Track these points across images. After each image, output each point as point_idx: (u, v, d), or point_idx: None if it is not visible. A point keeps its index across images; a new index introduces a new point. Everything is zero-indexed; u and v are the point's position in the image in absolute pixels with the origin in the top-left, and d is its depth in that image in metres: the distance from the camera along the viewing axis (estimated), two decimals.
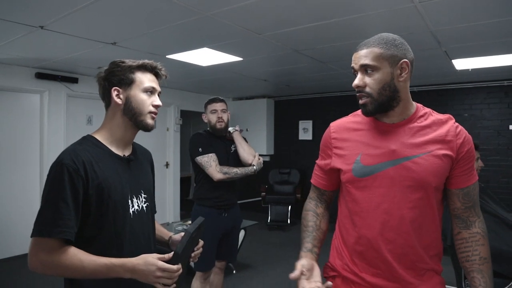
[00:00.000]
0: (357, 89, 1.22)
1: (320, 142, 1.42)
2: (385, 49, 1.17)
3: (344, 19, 2.78)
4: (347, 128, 1.34)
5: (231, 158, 2.70)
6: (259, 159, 2.72)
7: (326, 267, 1.40)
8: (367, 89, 1.20)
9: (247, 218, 4.35)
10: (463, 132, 1.22)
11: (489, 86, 5.21)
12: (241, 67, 4.53)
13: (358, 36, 2.90)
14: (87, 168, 1.14)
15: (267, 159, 7.08)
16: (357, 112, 1.33)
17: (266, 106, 7.13)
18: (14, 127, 4.56)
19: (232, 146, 2.75)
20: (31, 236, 1.09)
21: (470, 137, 1.23)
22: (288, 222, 6.15)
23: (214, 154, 2.58)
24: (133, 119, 1.26)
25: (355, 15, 2.70)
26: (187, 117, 7.66)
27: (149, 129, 1.29)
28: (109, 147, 1.26)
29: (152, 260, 1.10)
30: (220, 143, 2.69)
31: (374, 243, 1.23)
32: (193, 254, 1.35)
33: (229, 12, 2.63)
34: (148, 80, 1.27)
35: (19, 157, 4.61)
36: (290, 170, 6.82)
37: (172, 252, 1.14)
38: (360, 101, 1.23)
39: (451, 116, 1.26)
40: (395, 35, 1.22)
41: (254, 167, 2.66)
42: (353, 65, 1.23)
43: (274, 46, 3.55)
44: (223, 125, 2.64)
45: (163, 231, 1.50)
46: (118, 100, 1.25)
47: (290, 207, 6.23)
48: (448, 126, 1.22)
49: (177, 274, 1.13)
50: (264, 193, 6.46)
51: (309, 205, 1.46)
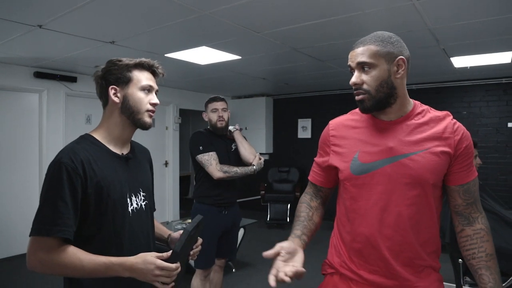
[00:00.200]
0: (354, 87, 1.23)
1: (319, 140, 1.43)
2: (382, 47, 1.18)
3: (343, 17, 2.78)
4: (346, 126, 1.34)
5: (231, 156, 2.71)
6: (259, 159, 2.74)
7: (324, 264, 1.40)
8: (365, 86, 1.20)
9: (247, 216, 4.35)
10: (461, 129, 1.22)
11: (488, 84, 5.22)
12: (240, 65, 4.52)
13: (357, 34, 2.90)
14: (85, 167, 1.14)
15: (266, 157, 7.08)
16: (356, 110, 1.33)
17: (265, 104, 7.14)
18: (13, 127, 4.55)
19: (233, 145, 2.77)
20: (29, 235, 1.09)
21: (468, 134, 1.23)
22: (288, 220, 6.16)
23: (214, 152, 2.59)
24: (131, 117, 1.26)
25: (354, 13, 2.70)
26: (186, 115, 7.67)
27: (147, 127, 1.29)
28: (107, 145, 1.26)
29: (151, 259, 1.10)
30: (221, 141, 2.70)
31: (372, 240, 1.23)
32: (192, 252, 1.35)
33: (228, 10, 2.63)
34: (145, 78, 1.27)
35: (18, 156, 4.60)
36: (289, 169, 6.82)
37: (171, 250, 1.14)
38: (357, 97, 1.23)
39: (448, 113, 1.25)
40: (391, 33, 1.23)
41: (254, 167, 2.68)
42: (349, 63, 1.23)
43: (272, 44, 3.55)
44: (223, 124, 2.66)
45: (162, 229, 1.50)
46: (115, 99, 1.24)
47: (289, 205, 6.23)
48: (445, 123, 1.22)
49: (175, 272, 1.13)
50: (264, 192, 6.47)
51: (304, 198, 1.47)
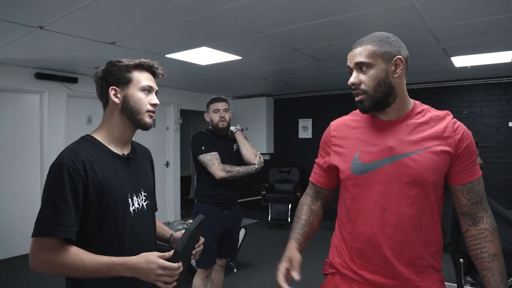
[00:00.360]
0: (353, 87, 1.23)
1: (320, 140, 1.43)
2: (379, 46, 1.18)
3: (343, 17, 2.79)
4: (346, 126, 1.35)
5: (233, 157, 2.74)
6: (260, 158, 2.78)
7: (326, 264, 1.41)
8: (363, 86, 1.21)
9: (248, 216, 4.36)
10: (462, 128, 1.21)
11: (488, 83, 5.21)
12: (240, 66, 4.53)
13: (357, 34, 2.89)
14: (86, 167, 1.14)
15: (267, 157, 7.09)
16: (356, 111, 1.34)
17: (266, 104, 7.14)
18: (14, 128, 4.56)
19: (234, 145, 2.79)
20: (32, 236, 1.09)
21: (470, 133, 1.23)
22: (289, 220, 6.15)
23: (216, 152, 2.61)
24: (131, 118, 1.26)
25: (354, 13, 2.70)
26: (187, 116, 7.66)
27: (147, 127, 1.29)
28: (108, 146, 1.26)
29: (153, 258, 1.10)
30: (222, 142, 2.73)
31: (373, 240, 1.23)
32: (193, 252, 1.35)
33: (228, 11, 2.63)
34: (145, 79, 1.28)
35: (20, 157, 4.61)
36: (290, 169, 6.82)
37: (173, 250, 1.14)
38: (356, 98, 1.24)
39: (449, 112, 1.25)
40: (389, 33, 1.23)
41: (256, 166, 2.73)
42: (348, 63, 1.24)
43: (273, 44, 3.55)
44: (225, 124, 2.68)
45: (164, 229, 1.50)
46: (115, 100, 1.25)
47: (290, 205, 6.23)
48: (446, 122, 1.22)
49: (178, 272, 1.13)
50: (264, 192, 6.47)
51: (305, 200, 1.47)
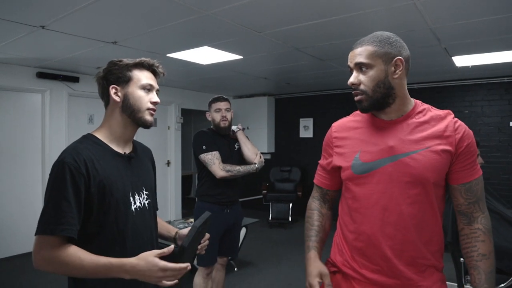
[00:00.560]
0: (352, 87, 1.24)
1: (321, 139, 1.45)
2: (379, 47, 1.18)
3: (344, 17, 2.79)
4: (348, 127, 1.36)
5: (234, 156, 2.75)
6: (260, 157, 2.79)
7: (327, 263, 1.41)
8: (362, 87, 1.21)
9: (249, 216, 4.36)
10: (462, 127, 1.21)
11: (490, 83, 5.21)
12: (242, 65, 4.53)
13: (358, 34, 2.90)
14: (88, 166, 1.15)
15: (268, 157, 7.09)
16: (357, 111, 1.34)
17: (267, 104, 7.14)
18: (16, 127, 4.57)
19: (236, 145, 2.80)
20: (35, 235, 1.10)
21: (471, 132, 1.23)
22: (289, 219, 6.17)
23: (217, 152, 2.62)
24: (132, 116, 1.27)
25: (355, 13, 2.70)
26: (188, 115, 7.68)
27: (148, 125, 1.30)
28: (110, 145, 1.27)
29: (153, 260, 1.07)
30: (224, 141, 2.74)
31: (374, 239, 1.24)
32: (199, 247, 1.37)
33: (229, 10, 2.64)
34: (145, 77, 1.29)
35: (21, 156, 4.62)
36: (291, 168, 6.81)
37: (172, 245, 1.13)
38: (355, 98, 1.25)
39: (450, 111, 1.25)
40: (390, 33, 1.23)
41: (256, 165, 2.74)
42: (349, 63, 1.25)
43: (274, 44, 3.55)
44: (227, 123, 2.69)
45: (168, 227, 1.51)
46: (116, 98, 1.26)
47: (291, 204, 6.23)
48: (446, 121, 1.22)
49: (180, 272, 1.10)
50: (265, 191, 6.47)
51: (314, 205, 1.48)
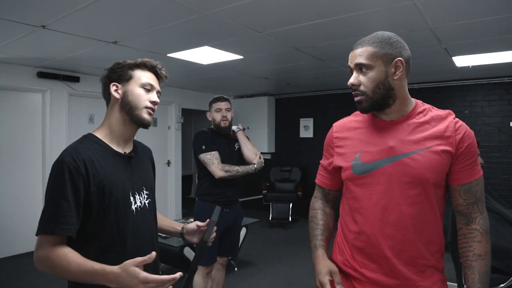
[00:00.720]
0: (352, 88, 1.24)
1: (321, 139, 1.46)
2: (379, 48, 1.18)
3: (344, 17, 2.79)
4: (348, 127, 1.36)
5: (234, 156, 2.75)
6: (260, 158, 2.79)
7: None
8: (362, 88, 1.21)
9: (249, 215, 4.36)
10: (463, 127, 1.21)
11: (490, 83, 5.20)
12: (242, 65, 4.53)
13: (358, 34, 2.90)
14: (87, 166, 1.15)
15: (268, 157, 7.09)
16: (358, 111, 1.34)
17: (267, 104, 7.14)
18: (16, 126, 4.58)
19: (236, 145, 2.80)
20: (36, 235, 1.10)
21: (471, 132, 1.22)
22: (290, 219, 6.17)
23: (216, 152, 2.63)
24: (130, 113, 1.27)
25: (355, 13, 2.70)
26: (188, 115, 7.68)
27: (146, 124, 1.29)
28: (110, 144, 1.27)
29: (134, 271, 1.01)
30: (224, 141, 2.74)
31: (373, 239, 1.24)
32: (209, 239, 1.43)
33: (230, 10, 2.64)
34: (146, 77, 1.29)
35: (21, 156, 4.63)
36: (291, 168, 6.81)
37: (153, 252, 1.06)
38: (355, 98, 1.25)
39: (451, 111, 1.25)
40: (391, 33, 1.23)
41: (255, 166, 2.74)
42: (349, 63, 1.25)
43: (274, 44, 3.55)
44: (227, 123, 2.70)
45: (172, 223, 1.52)
46: (116, 95, 1.27)
47: (291, 204, 6.23)
48: (447, 121, 1.21)
49: (164, 284, 1.03)
50: (266, 191, 6.47)
51: (317, 204, 1.49)
